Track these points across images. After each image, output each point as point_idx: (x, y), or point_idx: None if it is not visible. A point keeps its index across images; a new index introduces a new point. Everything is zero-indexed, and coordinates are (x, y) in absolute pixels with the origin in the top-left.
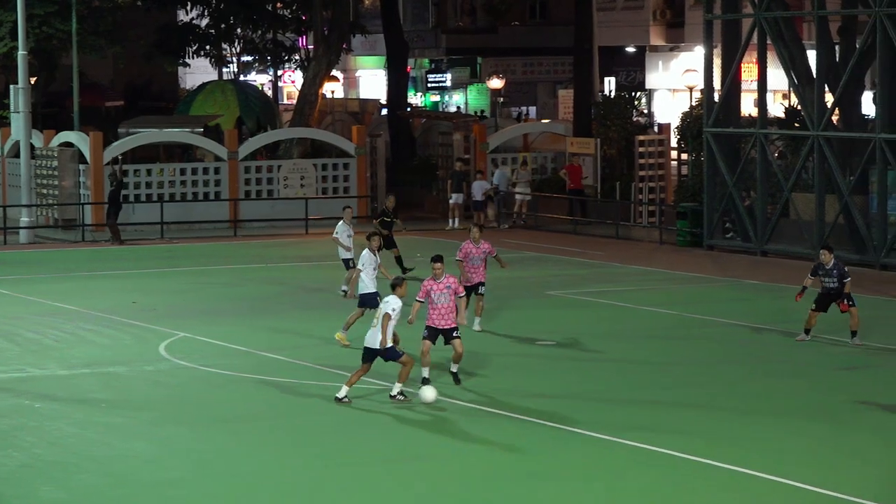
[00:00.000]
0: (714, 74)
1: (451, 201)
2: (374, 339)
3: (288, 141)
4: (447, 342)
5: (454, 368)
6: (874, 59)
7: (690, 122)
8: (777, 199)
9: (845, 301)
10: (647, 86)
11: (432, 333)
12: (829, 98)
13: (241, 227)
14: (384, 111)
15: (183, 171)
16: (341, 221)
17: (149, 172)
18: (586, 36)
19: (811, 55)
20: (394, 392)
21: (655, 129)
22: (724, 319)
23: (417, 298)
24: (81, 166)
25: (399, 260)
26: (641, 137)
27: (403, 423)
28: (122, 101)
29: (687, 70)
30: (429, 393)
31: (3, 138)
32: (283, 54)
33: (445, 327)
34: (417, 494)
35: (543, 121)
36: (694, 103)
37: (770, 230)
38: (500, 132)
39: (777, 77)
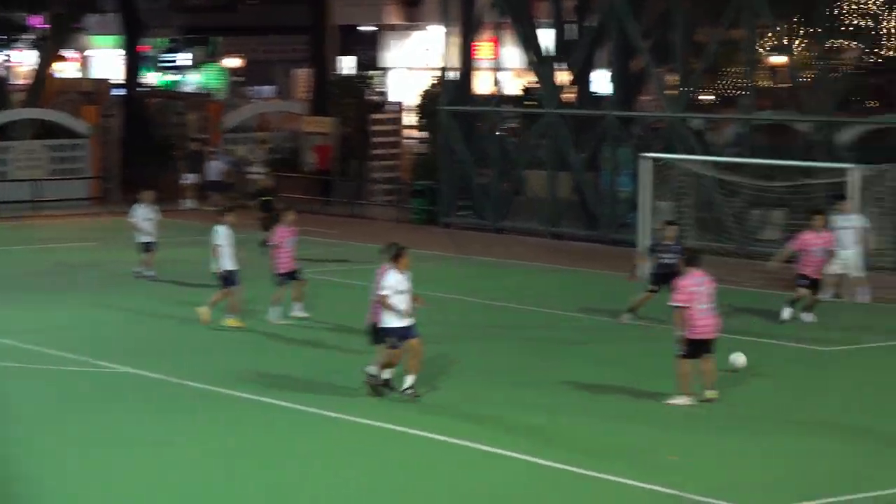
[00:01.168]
0: (450, 53)
1: (185, 181)
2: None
3: (21, 122)
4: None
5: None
6: (606, 37)
7: (427, 100)
8: (512, 176)
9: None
10: (384, 64)
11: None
12: (564, 76)
13: None
14: (118, 91)
15: None
16: (139, 205)
17: None
18: (322, 15)
19: (545, 33)
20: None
21: (391, 107)
22: (462, 297)
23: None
24: None
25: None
26: (376, 116)
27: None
28: None
29: (423, 48)
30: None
31: None
32: (14, 33)
33: None
34: (154, 478)
35: (279, 101)
36: (431, 82)
37: (505, 208)
38: (237, 112)
39: (512, 55)
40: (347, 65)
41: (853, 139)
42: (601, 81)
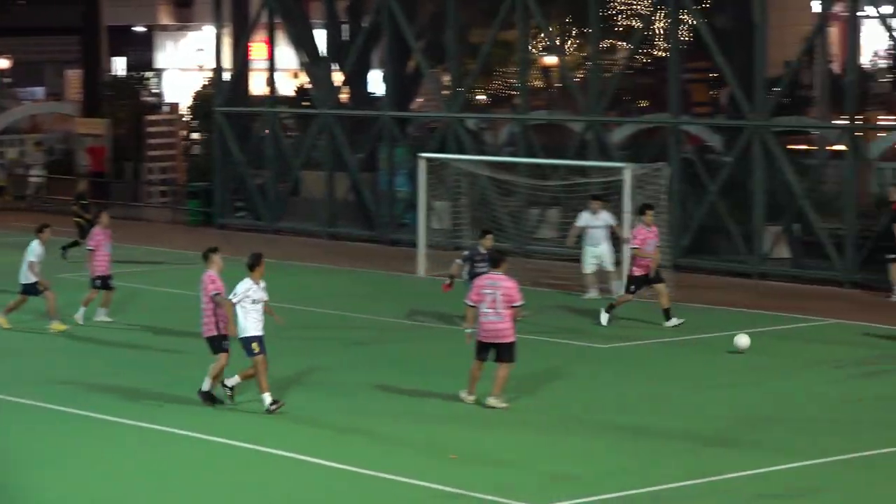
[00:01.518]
0: (224, 53)
1: None
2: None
3: None
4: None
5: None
6: (380, 38)
7: (201, 101)
8: (288, 177)
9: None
10: (158, 65)
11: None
12: (338, 77)
13: None
14: None
15: None
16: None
17: None
18: (93, 15)
19: (319, 34)
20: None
21: (166, 108)
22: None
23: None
24: None
25: (74, 244)
26: (151, 117)
27: None
28: None
29: (197, 49)
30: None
31: None
32: None
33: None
34: None
35: (52, 102)
36: (205, 82)
37: (281, 208)
38: (6, 113)
39: (287, 56)
40: (121, 66)
41: (625, 138)
42: (377, 82)
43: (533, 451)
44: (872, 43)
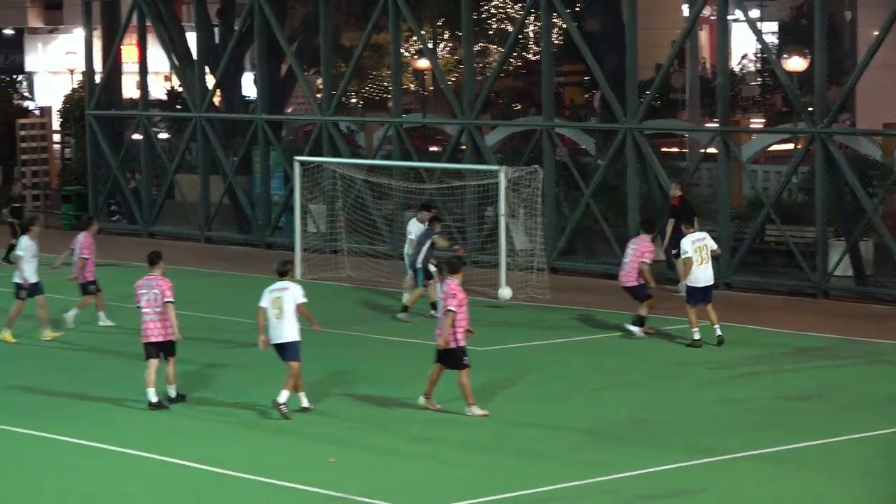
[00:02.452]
0: (94, 56)
1: None
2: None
3: None
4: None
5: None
6: (252, 41)
7: (73, 104)
8: (163, 180)
9: None
10: (27, 68)
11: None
12: (211, 80)
13: None
14: None
15: None
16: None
17: None
18: None
19: (191, 37)
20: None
21: (37, 112)
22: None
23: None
24: None
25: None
26: (23, 121)
27: None
28: None
29: (67, 52)
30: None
31: None
32: None
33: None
34: None
35: None
36: (76, 86)
37: (156, 212)
38: None
39: (158, 58)
40: None
41: (500, 142)
42: (251, 85)
43: (401, 452)
44: (742, 46)
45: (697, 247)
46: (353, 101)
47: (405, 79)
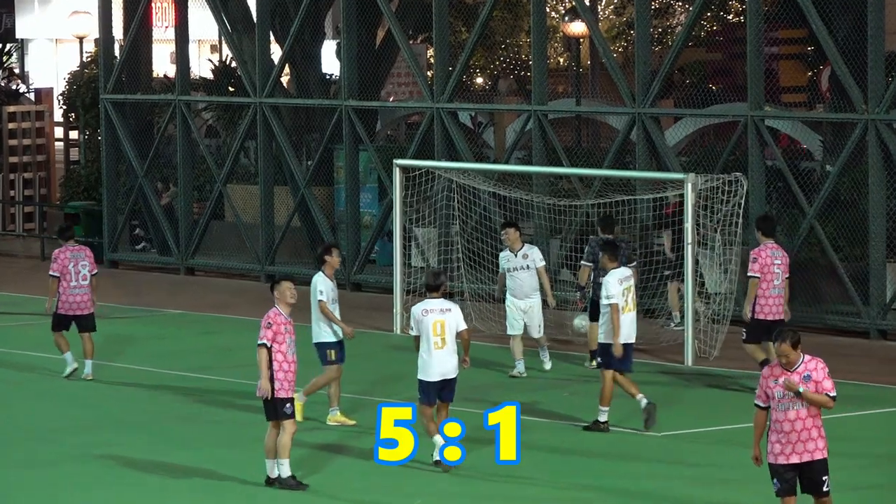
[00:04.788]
0: (114, 19)
1: None
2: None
3: None
4: None
5: None
6: None
7: (81, 86)
8: (207, 193)
9: None
10: (19, 34)
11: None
12: (277, 51)
13: None
14: None
15: None
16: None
17: None
18: None
19: None
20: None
21: (31, 96)
22: (143, 367)
23: None
24: None
25: None
26: (11, 108)
27: None
28: None
29: (74, 12)
30: None
31: None
32: None
33: None
34: None
35: None
36: (86, 59)
37: (198, 238)
38: None
39: (203, 21)
40: None
41: (685, 138)
42: (332, 59)
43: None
44: None
45: None
46: (479, 81)
47: (551, 50)
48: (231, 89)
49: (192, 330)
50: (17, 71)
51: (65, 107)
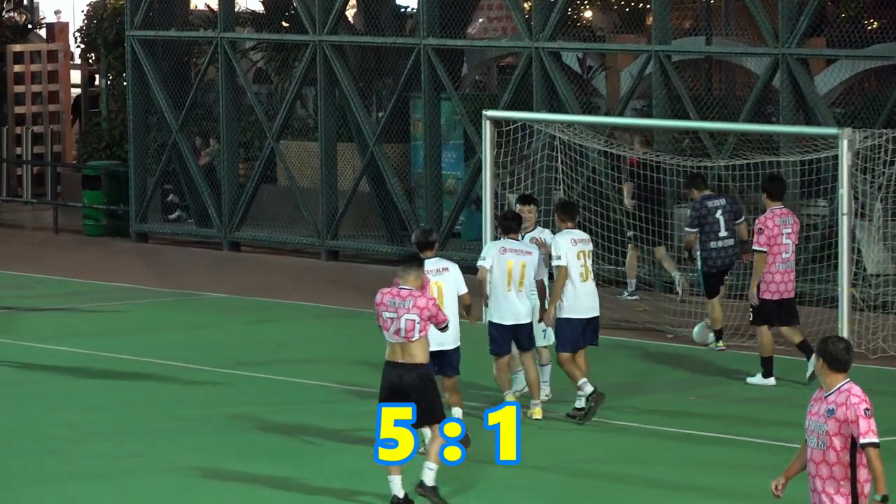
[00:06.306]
0: None
1: None
2: None
3: None
4: None
5: None
6: None
7: (103, 21)
8: (256, 152)
9: None
10: None
11: None
12: None
13: None
14: None
15: None
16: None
17: None
18: None
19: None
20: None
21: (42, 32)
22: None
23: None
24: None
25: None
26: (18, 48)
27: None
28: None
29: None
30: None
31: None
32: None
33: None
34: None
35: None
36: None
37: (244, 206)
38: None
39: None
40: None
41: (840, 86)
42: None
43: None
44: None
45: None
46: (587, 15)
47: None
48: (285, 25)
49: (237, 318)
50: (25, 1)
51: (83, 46)
